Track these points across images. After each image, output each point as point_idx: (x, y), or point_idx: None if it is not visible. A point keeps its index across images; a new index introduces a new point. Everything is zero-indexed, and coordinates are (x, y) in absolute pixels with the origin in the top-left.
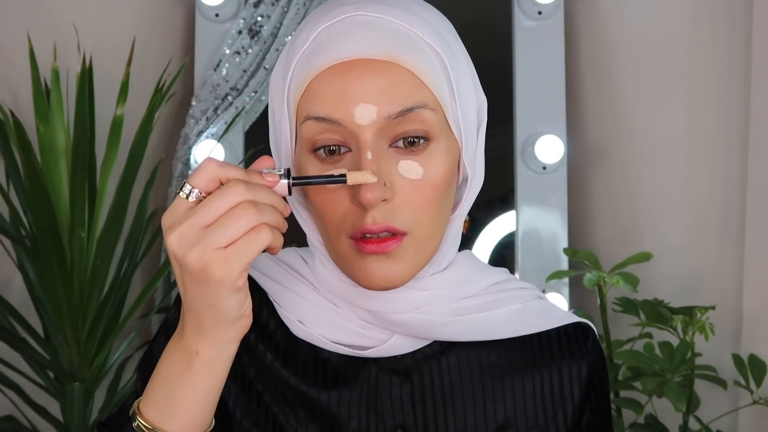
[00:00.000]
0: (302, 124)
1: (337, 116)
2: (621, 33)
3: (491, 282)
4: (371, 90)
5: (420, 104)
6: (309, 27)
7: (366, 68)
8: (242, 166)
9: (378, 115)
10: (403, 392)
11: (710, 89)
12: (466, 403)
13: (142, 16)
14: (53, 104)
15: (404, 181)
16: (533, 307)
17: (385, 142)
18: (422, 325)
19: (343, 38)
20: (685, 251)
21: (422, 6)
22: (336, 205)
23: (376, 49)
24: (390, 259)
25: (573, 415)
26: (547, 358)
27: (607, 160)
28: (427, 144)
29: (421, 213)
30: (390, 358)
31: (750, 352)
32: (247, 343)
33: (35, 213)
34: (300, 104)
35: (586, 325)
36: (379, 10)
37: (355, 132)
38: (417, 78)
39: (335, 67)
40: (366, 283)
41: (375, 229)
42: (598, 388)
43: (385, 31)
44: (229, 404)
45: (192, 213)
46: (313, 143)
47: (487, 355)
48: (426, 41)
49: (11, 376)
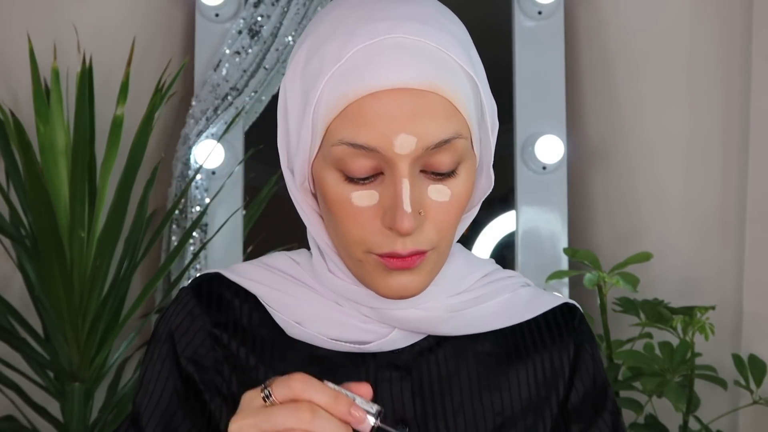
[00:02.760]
0: (334, 146)
1: (375, 144)
2: (621, 33)
3: (482, 274)
4: (410, 119)
5: (455, 135)
6: (339, 42)
7: (406, 96)
8: (242, 166)
9: (417, 146)
10: (403, 387)
11: (710, 89)
12: (464, 393)
13: (142, 16)
14: (53, 104)
15: (432, 204)
16: (522, 296)
17: (417, 168)
18: (422, 321)
19: (382, 63)
20: (685, 251)
21: (449, 19)
22: (362, 220)
23: (419, 79)
24: (411, 272)
25: (564, 393)
26: (538, 342)
27: (607, 160)
28: (455, 169)
29: (447, 230)
30: (388, 353)
31: (750, 352)
32: (236, 361)
33: (35, 213)
34: (333, 125)
35: (572, 305)
36: (416, 30)
37: (392, 160)
38: (453, 106)
39: (374, 94)
40: (385, 292)
41: (405, 255)
42: (587, 362)
43: (424, 58)
44: (221, 425)
45: (259, 413)
46: (344, 164)
47: (482, 345)
48: (459, 64)
49: (11, 376)
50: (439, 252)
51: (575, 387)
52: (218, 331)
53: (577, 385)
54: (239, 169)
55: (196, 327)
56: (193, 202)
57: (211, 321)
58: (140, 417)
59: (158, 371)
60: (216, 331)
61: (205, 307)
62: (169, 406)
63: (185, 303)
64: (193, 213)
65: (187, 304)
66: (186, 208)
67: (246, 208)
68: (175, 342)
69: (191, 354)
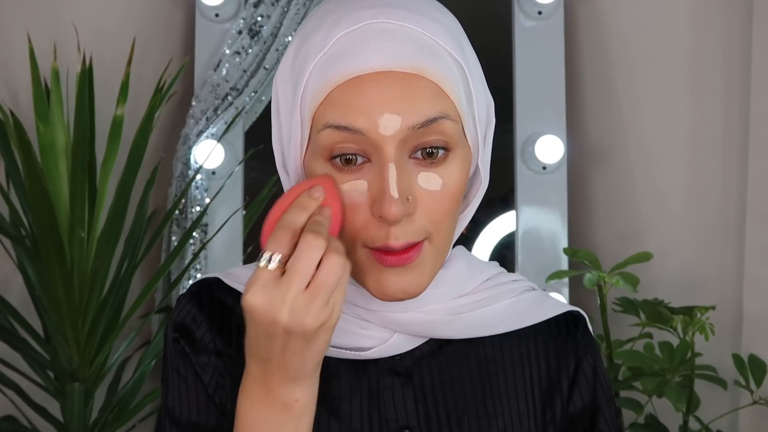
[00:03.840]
0: (320, 132)
1: (360, 126)
2: (621, 33)
3: (485, 278)
4: (395, 100)
5: (442, 115)
6: (325, 30)
7: (390, 78)
8: (242, 166)
9: (402, 125)
10: (405, 393)
11: (710, 89)
12: (467, 398)
13: (142, 16)
14: (53, 104)
15: (423, 193)
16: (526, 300)
17: (405, 153)
18: (423, 324)
19: (365, 48)
20: (685, 251)
21: (438, 9)
22: (354, 215)
23: (401, 61)
24: (409, 271)
25: (565, 403)
26: (541, 348)
27: (607, 160)
28: (446, 155)
29: (440, 222)
30: (389, 359)
31: (750, 352)
32: (237, 368)
33: (35, 213)
34: (318, 112)
35: (576, 314)
36: (401, 16)
37: (377, 142)
38: (439, 88)
39: (359, 77)
40: (380, 294)
41: (398, 247)
42: (587, 373)
43: (408, 41)
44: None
45: (288, 281)
46: (331, 151)
47: (483, 350)
48: (446, 50)
49: (11, 376)
50: (434, 246)
51: (573, 400)
52: (220, 336)
53: (575, 398)
54: (239, 169)
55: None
56: (193, 202)
57: (213, 327)
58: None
59: (179, 392)
60: (218, 337)
61: (206, 313)
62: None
63: (188, 310)
64: (193, 213)
65: (190, 311)
66: (186, 208)
67: (246, 208)
68: (188, 353)
69: (196, 360)
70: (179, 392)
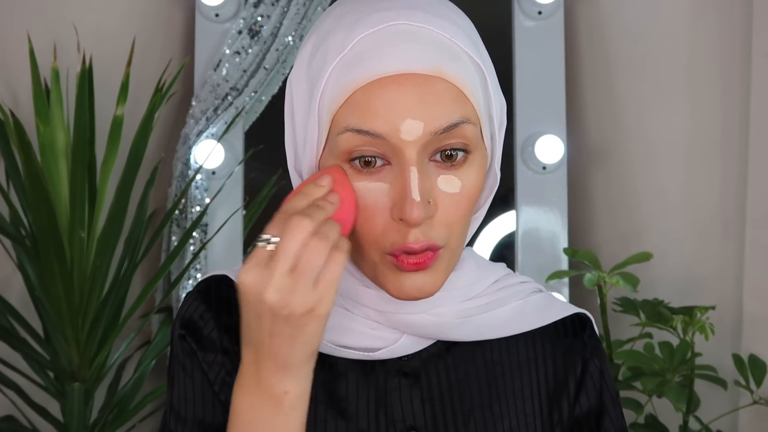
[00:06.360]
0: (340, 135)
1: (381, 130)
2: (621, 33)
3: (493, 280)
4: (417, 105)
5: (464, 119)
6: (344, 32)
7: (411, 82)
8: (242, 166)
9: (424, 131)
10: (413, 394)
11: (710, 89)
12: (474, 400)
13: (142, 16)
14: (53, 104)
15: (443, 195)
16: (533, 303)
17: (425, 156)
18: (432, 326)
19: (387, 50)
20: (685, 251)
21: (453, 11)
22: (374, 219)
23: (423, 64)
24: (425, 272)
25: (572, 405)
26: (548, 350)
27: (607, 160)
28: (465, 157)
29: (457, 225)
30: (397, 360)
31: (750, 352)
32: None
33: (35, 213)
34: (338, 114)
35: (583, 316)
36: (420, 18)
37: (399, 147)
38: (460, 91)
39: (380, 80)
40: (398, 294)
41: (418, 248)
42: (594, 375)
43: (430, 44)
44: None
45: (275, 261)
46: (350, 154)
47: (490, 352)
48: (466, 52)
49: (11, 376)
50: (451, 250)
51: (579, 402)
52: (227, 334)
53: (581, 400)
54: (239, 169)
55: (207, 330)
56: (193, 202)
57: (220, 324)
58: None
59: (185, 389)
60: (225, 335)
61: (214, 311)
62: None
63: (195, 307)
64: (193, 213)
65: (198, 308)
66: (186, 208)
67: (246, 208)
68: (195, 350)
69: (202, 357)
70: (185, 389)
